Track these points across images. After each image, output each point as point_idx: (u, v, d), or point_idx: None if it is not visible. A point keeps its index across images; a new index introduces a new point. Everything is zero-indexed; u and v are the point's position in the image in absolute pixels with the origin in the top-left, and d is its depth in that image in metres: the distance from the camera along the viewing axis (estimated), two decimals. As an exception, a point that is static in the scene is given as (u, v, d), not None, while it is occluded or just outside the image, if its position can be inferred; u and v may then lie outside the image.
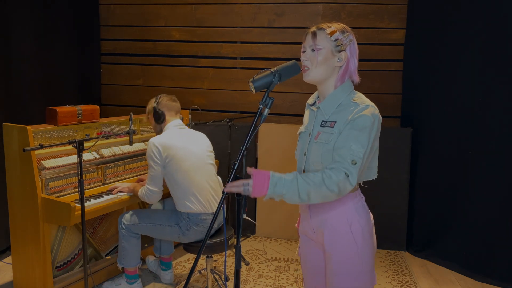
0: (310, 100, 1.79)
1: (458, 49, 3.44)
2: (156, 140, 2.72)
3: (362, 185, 1.73)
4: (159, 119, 2.86)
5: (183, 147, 2.75)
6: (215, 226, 2.84)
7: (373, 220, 1.72)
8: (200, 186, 2.75)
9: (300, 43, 1.68)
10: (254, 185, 1.47)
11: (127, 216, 2.85)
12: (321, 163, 1.61)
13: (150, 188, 2.74)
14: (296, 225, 2.02)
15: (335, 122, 1.60)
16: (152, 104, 2.90)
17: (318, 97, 1.74)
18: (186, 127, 2.94)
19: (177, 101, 2.93)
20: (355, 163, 1.50)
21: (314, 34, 1.61)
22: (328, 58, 1.60)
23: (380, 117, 1.61)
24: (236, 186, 1.49)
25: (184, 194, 2.73)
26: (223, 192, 1.51)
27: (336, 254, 1.64)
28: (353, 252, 1.63)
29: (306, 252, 1.83)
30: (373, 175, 1.71)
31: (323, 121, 1.65)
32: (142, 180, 3.15)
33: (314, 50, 1.61)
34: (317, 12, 4.12)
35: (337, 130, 1.58)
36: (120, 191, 2.91)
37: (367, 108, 1.56)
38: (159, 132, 2.90)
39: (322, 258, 1.75)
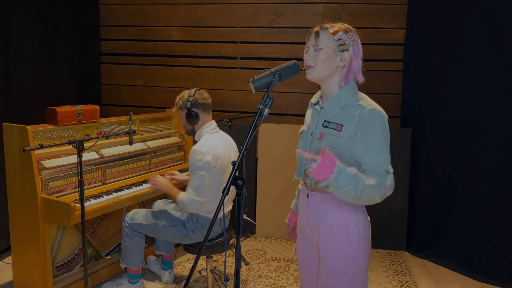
0: (313, 99, 1.77)
1: (458, 49, 3.44)
2: (204, 147, 2.61)
3: None
4: (192, 121, 2.74)
5: (225, 155, 2.69)
6: (218, 230, 2.81)
7: (369, 223, 1.71)
8: (218, 193, 2.68)
9: (300, 43, 1.69)
10: (321, 165, 1.42)
11: (131, 214, 2.85)
12: None
13: (195, 199, 2.58)
14: (286, 220, 2.02)
15: (342, 125, 1.59)
16: (184, 100, 2.73)
17: (321, 97, 1.73)
18: (220, 130, 2.86)
19: (209, 98, 2.79)
20: (389, 172, 1.55)
21: (317, 33, 1.61)
22: (331, 57, 1.60)
23: (387, 116, 1.62)
24: (306, 156, 1.44)
25: (209, 200, 2.66)
26: (223, 193, 1.50)
27: (330, 253, 1.64)
28: (348, 253, 1.62)
29: (302, 251, 1.83)
30: None
31: (325, 121, 1.64)
32: (173, 174, 3.06)
33: (316, 51, 1.61)
34: (317, 12, 4.11)
35: (345, 134, 1.58)
36: (159, 188, 2.81)
37: (374, 112, 1.57)
38: (190, 131, 2.81)
39: (317, 259, 1.74)
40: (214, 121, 2.81)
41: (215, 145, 2.67)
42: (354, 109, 1.59)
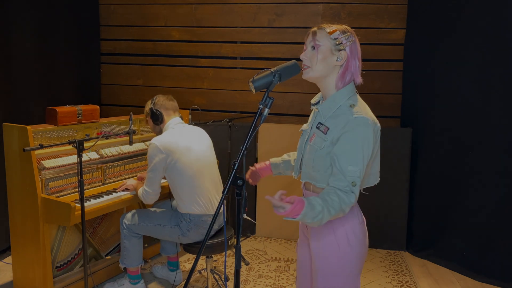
0: (314, 100, 1.77)
1: (458, 49, 3.44)
2: (158, 141, 2.66)
3: (362, 191, 1.67)
4: (157, 119, 2.82)
5: (187, 147, 2.71)
6: (215, 227, 2.83)
7: (363, 224, 1.68)
8: (203, 188, 2.72)
9: (300, 43, 1.69)
10: (290, 211, 1.42)
11: (128, 216, 2.85)
12: (312, 166, 1.62)
13: (147, 190, 2.72)
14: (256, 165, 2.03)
15: (329, 129, 1.59)
16: (148, 105, 2.87)
17: (322, 97, 1.73)
18: (186, 124, 2.91)
19: (173, 100, 2.89)
20: (355, 185, 1.51)
21: (314, 32, 1.63)
22: (327, 56, 1.60)
23: (378, 125, 1.60)
24: (275, 203, 1.43)
25: (187, 196, 2.71)
26: (223, 193, 1.50)
27: (317, 253, 1.66)
28: (334, 254, 1.62)
29: (301, 249, 1.86)
30: (373, 181, 1.70)
31: (319, 122, 1.65)
32: (142, 178, 3.15)
33: (314, 48, 1.61)
34: (317, 12, 4.12)
35: (329, 138, 1.57)
36: (126, 189, 2.92)
37: (359, 121, 1.53)
38: (158, 133, 2.86)
39: (310, 257, 1.77)
40: (178, 117, 2.87)
41: (171, 138, 2.71)
42: (344, 114, 1.57)
